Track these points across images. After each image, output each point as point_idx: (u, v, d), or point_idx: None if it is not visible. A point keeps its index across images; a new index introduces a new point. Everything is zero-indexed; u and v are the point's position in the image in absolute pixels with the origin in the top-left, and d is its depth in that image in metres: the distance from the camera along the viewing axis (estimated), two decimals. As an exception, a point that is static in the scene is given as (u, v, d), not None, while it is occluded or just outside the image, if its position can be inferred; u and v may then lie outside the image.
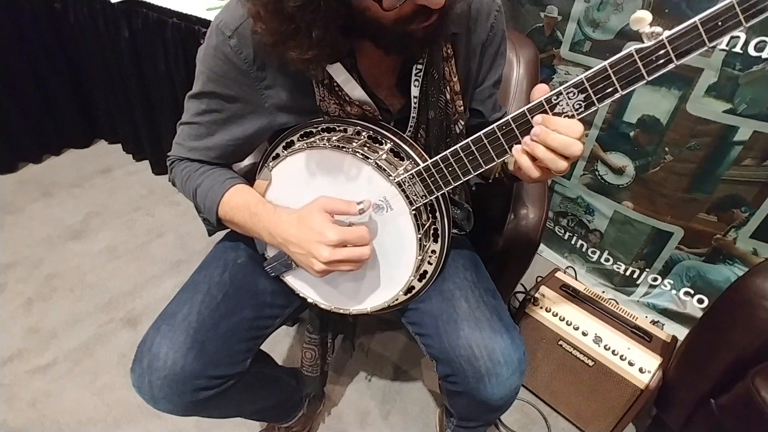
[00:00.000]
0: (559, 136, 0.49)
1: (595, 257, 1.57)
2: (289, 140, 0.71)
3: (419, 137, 0.71)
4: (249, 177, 0.75)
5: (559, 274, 1.22)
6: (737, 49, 1.04)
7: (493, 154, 0.56)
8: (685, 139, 1.22)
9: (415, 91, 0.66)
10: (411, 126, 0.69)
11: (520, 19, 1.42)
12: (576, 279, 1.52)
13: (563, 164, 0.51)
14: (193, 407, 0.65)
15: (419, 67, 0.64)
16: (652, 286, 1.49)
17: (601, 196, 1.47)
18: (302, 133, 0.70)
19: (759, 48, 1.02)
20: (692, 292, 1.41)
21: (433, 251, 0.70)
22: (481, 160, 0.57)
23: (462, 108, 0.71)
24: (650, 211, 1.37)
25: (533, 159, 0.52)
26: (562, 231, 1.65)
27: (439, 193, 0.61)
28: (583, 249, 1.60)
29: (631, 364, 1.00)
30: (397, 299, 0.72)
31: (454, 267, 0.75)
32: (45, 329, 1.33)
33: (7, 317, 1.36)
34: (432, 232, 0.68)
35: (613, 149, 1.36)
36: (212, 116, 0.67)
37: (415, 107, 0.67)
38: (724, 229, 1.27)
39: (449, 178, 0.60)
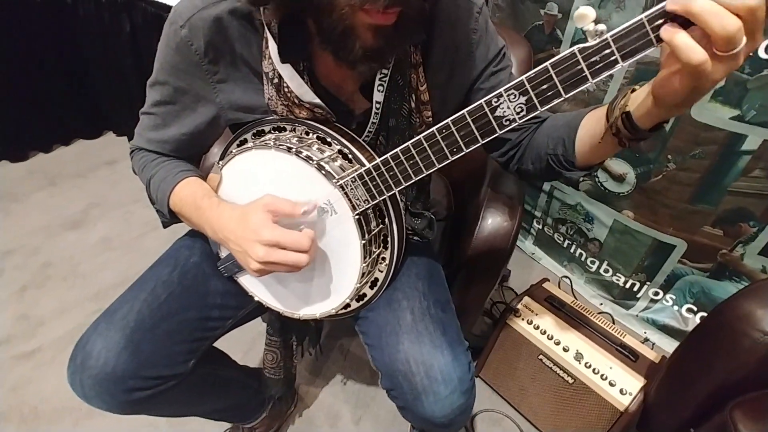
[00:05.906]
0: None
1: (594, 267, 1.50)
2: (242, 138, 0.69)
3: (378, 144, 0.68)
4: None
5: (547, 285, 1.16)
6: (745, 51, 0.97)
7: (433, 158, 0.53)
8: (689, 147, 1.14)
9: (378, 97, 0.62)
10: (370, 131, 0.66)
11: (519, 17, 1.36)
12: (572, 289, 1.46)
13: (732, 22, 0.35)
14: (129, 406, 0.64)
15: (384, 72, 0.60)
16: (653, 301, 1.41)
17: (601, 203, 1.40)
18: (255, 131, 0.68)
19: (770, 50, 0.94)
20: (695, 309, 1.33)
21: (383, 258, 0.66)
22: (421, 164, 0.54)
23: (430, 119, 0.66)
24: (651, 221, 1.30)
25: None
26: (561, 238, 1.58)
27: (381, 198, 0.58)
28: (582, 258, 1.53)
29: (611, 384, 0.94)
30: (348, 306, 0.69)
31: (407, 276, 0.72)
32: (34, 316, 1.36)
33: (1, 303, 1.39)
34: (381, 238, 0.65)
35: (613, 155, 1.29)
36: (167, 108, 0.66)
37: (376, 113, 0.64)
38: (730, 243, 1.19)
39: (390, 182, 0.56)
